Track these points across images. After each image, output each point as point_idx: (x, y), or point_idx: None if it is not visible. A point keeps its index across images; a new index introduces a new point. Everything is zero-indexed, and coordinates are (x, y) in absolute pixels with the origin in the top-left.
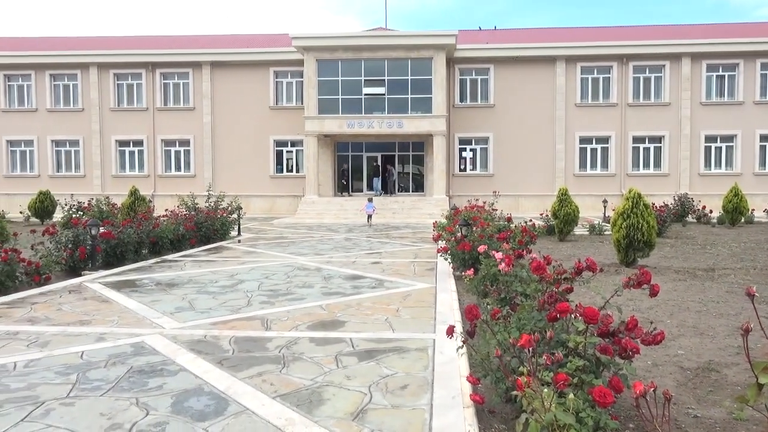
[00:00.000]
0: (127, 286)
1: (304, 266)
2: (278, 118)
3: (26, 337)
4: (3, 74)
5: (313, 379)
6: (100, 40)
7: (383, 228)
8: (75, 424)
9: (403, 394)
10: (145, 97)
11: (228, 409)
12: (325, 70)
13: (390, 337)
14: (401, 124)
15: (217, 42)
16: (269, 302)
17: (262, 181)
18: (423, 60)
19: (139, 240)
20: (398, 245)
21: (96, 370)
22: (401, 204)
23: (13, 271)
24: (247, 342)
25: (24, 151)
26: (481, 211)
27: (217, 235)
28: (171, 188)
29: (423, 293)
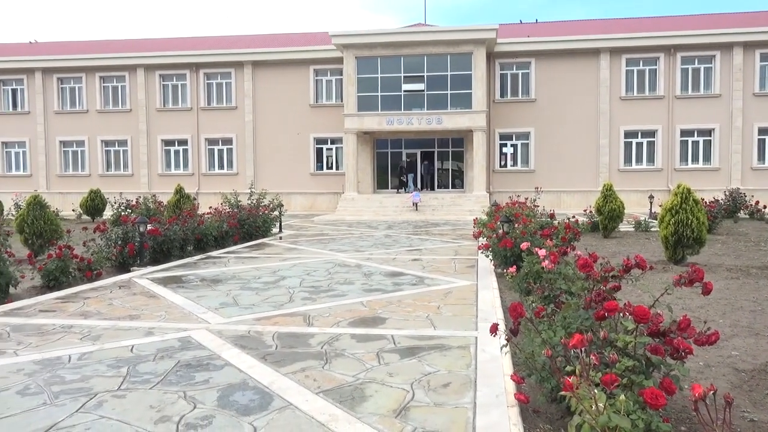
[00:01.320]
0: (173, 281)
1: (344, 263)
2: (318, 115)
3: (80, 331)
4: (56, 77)
5: (355, 375)
6: (146, 42)
7: (423, 225)
8: (126, 416)
9: (446, 392)
10: (189, 97)
11: (272, 403)
12: (365, 67)
13: (431, 335)
14: (440, 120)
15: (258, 42)
16: (311, 298)
17: (303, 179)
18: (463, 55)
19: (184, 237)
20: (438, 242)
21: (145, 364)
22: (441, 201)
23: (66, 267)
24: (289, 338)
25: (76, 151)
26: (523, 208)
27: (259, 232)
28: (214, 186)
29: (464, 290)
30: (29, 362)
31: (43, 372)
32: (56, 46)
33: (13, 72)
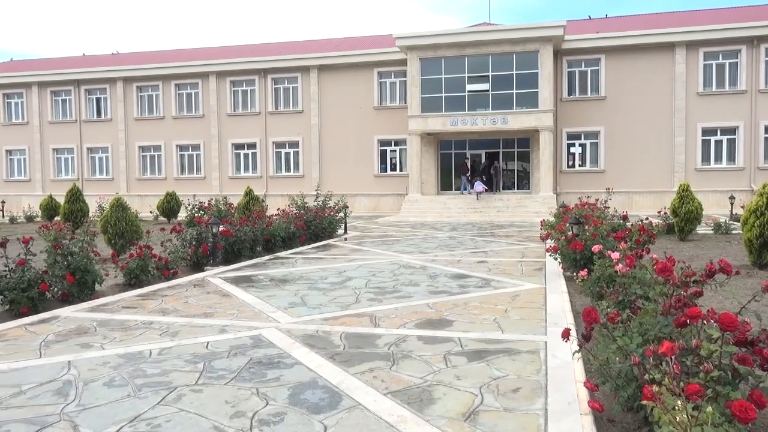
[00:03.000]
0: (244, 281)
1: (409, 264)
2: (382, 117)
3: (159, 327)
4: (135, 86)
5: (422, 377)
6: (217, 50)
7: (488, 226)
8: (203, 410)
9: (516, 397)
10: (258, 102)
11: (341, 403)
12: (428, 68)
13: (499, 338)
14: (506, 120)
15: (323, 46)
16: (377, 299)
17: (367, 180)
18: (529, 53)
19: (254, 238)
20: (504, 244)
21: (220, 360)
22: (506, 202)
23: (146, 265)
24: (357, 338)
25: (153, 155)
26: (593, 209)
27: (325, 233)
28: (281, 188)
29: (532, 294)
30: (114, 356)
31: (126, 365)
32: (136, 57)
33: (98, 82)
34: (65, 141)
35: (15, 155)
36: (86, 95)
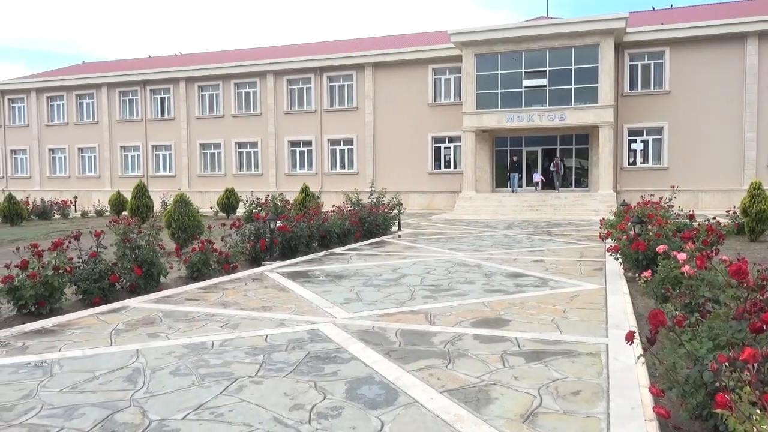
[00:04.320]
0: (301, 276)
1: (464, 262)
2: (436, 114)
3: (220, 319)
4: (197, 86)
5: (479, 377)
6: (274, 49)
7: (544, 225)
8: (264, 401)
9: (576, 400)
10: (313, 100)
11: (398, 399)
12: (484, 64)
13: (558, 339)
14: (563, 117)
15: (378, 44)
16: (432, 297)
17: (420, 178)
18: (588, 47)
19: (310, 234)
20: (561, 243)
21: (278, 353)
22: (563, 200)
23: (207, 259)
24: (412, 335)
25: (213, 153)
26: (656, 208)
27: (379, 230)
28: (336, 185)
29: (592, 294)
30: (179, 346)
31: (190, 355)
32: (197, 57)
33: (162, 82)
34: (132, 139)
35: (86, 153)
36: (151, 95)
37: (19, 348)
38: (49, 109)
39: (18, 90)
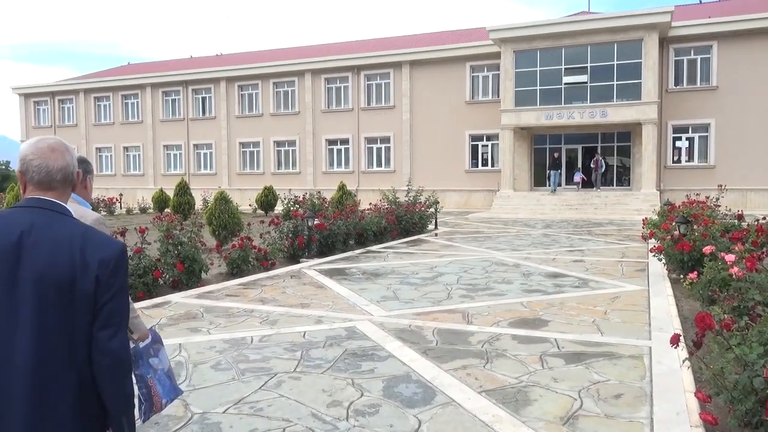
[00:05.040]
0: (338, 273)
1: (501, 261)
2: (474, 112)
3: (259, 315)
4: (237, 85)
5: (518, 377)
6: (312, 48)
7: (584, 224)
8: (301, 397)
9: (618, 404)
10: (351, 99)
11: (435, 398)
12: (523, 60)
13: (599, 341)
14: (605, 113)
15: (415, 41)
16: (469, 296)
17: (457, 176)
18: (631, 42)
19: (347, 231)
20: (602, 243)
21: (316, 350)
22: (603, 199)
23: (247, 256)
24: (449, 334)
25: (252, 151)
26: (702, 207)
27: (416, 228)
28: (372, 183)
29: (634, 296)
30: (220, 341)
31: (231, 350)
32: (237, 57)
33: (203, 82)
34: (174, 138)
35: (131, 152)
36: (193, 95)
37: None
38: (96, 109)
39: (67, 91)
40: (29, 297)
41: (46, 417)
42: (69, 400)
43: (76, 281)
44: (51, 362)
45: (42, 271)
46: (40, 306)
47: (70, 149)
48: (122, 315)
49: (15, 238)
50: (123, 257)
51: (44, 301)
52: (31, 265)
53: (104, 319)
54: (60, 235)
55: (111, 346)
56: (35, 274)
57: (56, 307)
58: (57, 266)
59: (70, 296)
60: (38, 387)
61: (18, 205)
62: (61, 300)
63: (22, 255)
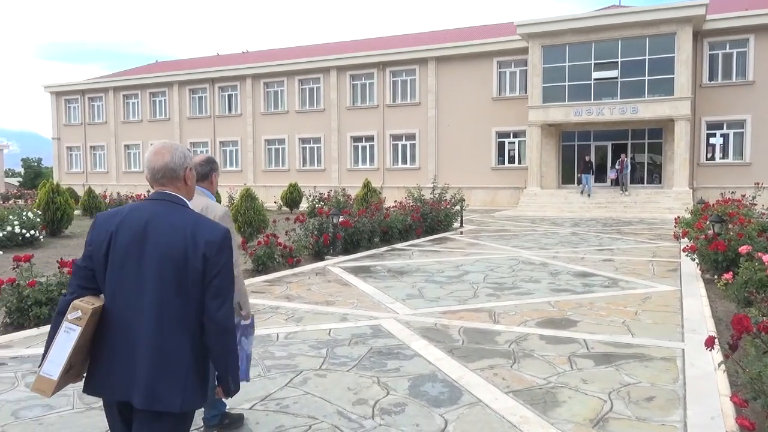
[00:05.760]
0: (362, 271)
1: (528, 260)
2: (500, 108)
3: (284, 312)
4: (263, 82)
5: (546, 378)
6: (337, 45)
7: (613, 223)
8: (327, 394)
9: (649, 407)
10: (376, 95)
11: (461, 398)
12: (551, 56)
13: (629, 342)
14: (636, 110)
15: (440, 37)
16: (495, 295)
17: (483, 173)
18: (663, 36)
19: (372, 229)
20: (632, 242)
21: (341, 347)
22: (634, 197)
23: (272, 253)
24: (475, 333)
25: (278, 148)
26: (738, 206)
27: (441, 226)
28: (397, 180)
29: (666, 296)
30: None
31: (257, 347)
32: (263, 55)
33: (229, 80)
34: (201, 135)
35: None
36: (219, 92)
37: None
38: (124, 106)
39: (97, 89)
40: (152, 271)
41: (167, 362)
42: (183, 358)
43: (189, 259)
44: (168, 326)
45: (162, 251)
46: (161, 279)
47: (176, 151)
48: (228, 288)
49: (143, 224)
50: (226, 240)
51: (164, 275)
52: (154, 246)
53: (213, 291)
54: (176, 221)
55: (219, 315)
56: (157, 252)
57: (173, 281)
58: (173, 247)
59: (184, 271)
60: (159, 345)
61: (147, 198)
62: (177, 274)
63: (147, 238)
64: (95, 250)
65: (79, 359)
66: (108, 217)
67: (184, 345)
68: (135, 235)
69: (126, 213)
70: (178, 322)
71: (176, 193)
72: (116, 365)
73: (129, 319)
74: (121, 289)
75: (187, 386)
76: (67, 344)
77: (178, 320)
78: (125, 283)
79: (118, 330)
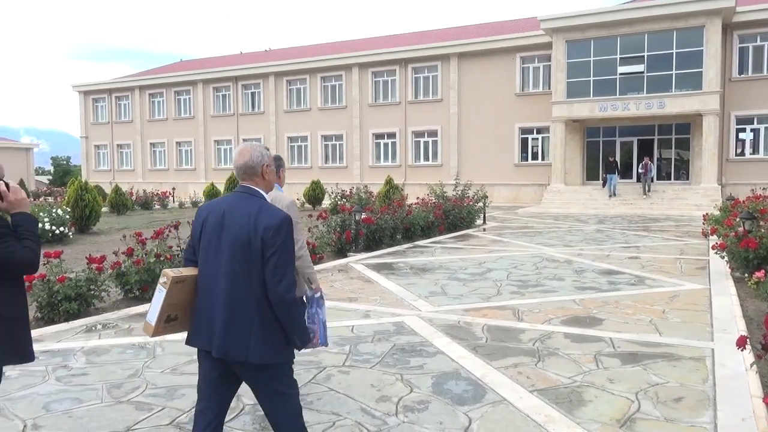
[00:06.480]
0: (385, 268)
1: (552, 257)
2: (523, 104)
3: None
4: (285, 80)
5: (571, 377)
6: (359, 42)
7: (639, 220)
8: (350, 391)
9: (678, 407)
10: (398, 92)
11: (485, 396)
12: (575, 51)
13: (657, 341)
14: (662, 104)
15: (463, 33)
16: (519, 293)
17: (506, 170)
18: (691, 30)
19: (394, 226)
20: (659, 239)
21: (364, 344)
22: (661, 194)
23: None
24: (499, 331)
25: (300, 146)
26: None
27: (464, 223)
28: (419, 177)
29: (694, 295)
30: None
31: None
32: (286, 52)
33: (252, 77)
34: (224, 133)
35: (183, 147)
36: (242, 90)
37: (125, 330)
38: (150, 105)
39: (123, 88)
40: (227, 249)
41: (235, 322)
42: (249, 318)
43: (251, 240)
44: (236, 294)
45: (233, 234)
46: (232, 257)
47: (255, 150)
48: (285, 267)
49: (222, 212)
50: (283, 225)
51: (234, 254)
52: (228, 230)
53: (271, 268)
54: (245, 209)
55: (277, 288)
56: (230, 236)
57: (241, 259)
58: (241, 230)
59: (248, 250)
60: (230, 308)
61: (233, 191)
62: (244, 254)
63: (224, 223)
64: (194, 232)
65: (179, 314)
66: (204, 206)
67: (250, 309)
68: (217, 220)
69: (215, 203)
70: (244, 291)
71: (254, 186)
72: (203, 322)
73: (211, 286)
74: (207, 262)
75: (251, 343)
76: (158, 300)
77: (245, 290)
78: (209, 258)
79: (204, 295)
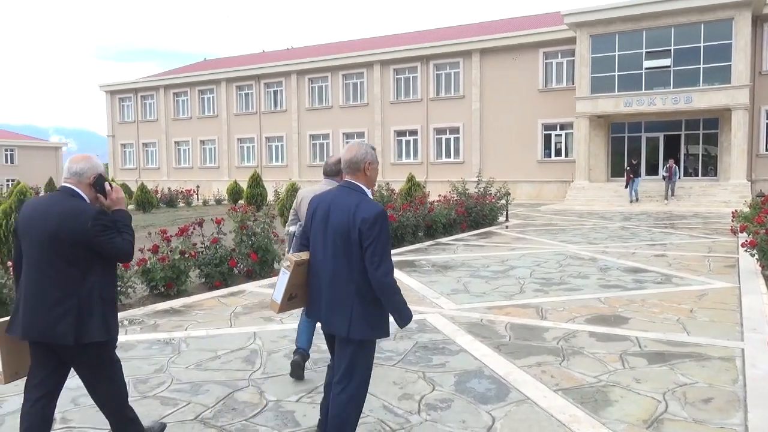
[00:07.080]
0: (407, 265)
1: (576, 255)
2: (547, 100)
3: None
4: (307, 78)
5: (596, 377)
6: (380, 39)
7: (665, 217)
8: (372, 389)
9: (707, 408)
10: (419, 89)
11: (509, 395)
12: (600, 45)
13: (684, 341)
14: (689, 99)
15: (485, 29)
16: (542, 290)
17: (529, 167)
18: (720, 22)
19: (416, 223)
20: (686, 237)
21: (386, 342)
22: (687, 190)
23: None
24: (522, 329)
25: (322, 143)
26: None
27: (486, 220)
28: (441, 174)
29: (723, 293)
30: (292, 330)
31: None
32: (307, 50)
33: (275, 76)
34: (247, 131)
35: (207, 145)
36: (265, 88)
37: (151, 326)
38: (174, 104)
39: (149, 87)
40: (330, 239)
41: (337, 302)
42: (348, 299)
43: (350, 231)
44: (338, 277)
45: (336, 225)
46: (334, 245)
47: (360, 148)
48: (381, 255)
49: (327, 204)
50: (378, 218)
51: (336, 242)
52: (332, 221)
53: (369, 257)
54: (346, 203)
55: (376, 273)
56: (333, 226)
57: (341, 247)
58: (342, 221)
59: (348, 240)
60: (333, 290)
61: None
62: (344, 243)
63: (330, 214)
64: (306, 221)
65: (299, 292)
66: (315, 198)
67: (350, 290)
68: (323, 212)
69: (322, 195)
70: (345, 275)
71: (356, 181)
72: (314, 300)
73: (319, 270)
74: (316, 248)
75: (352, 320)
76: (282, 282)
77: (346, 274)
78: (318, 245)
79: (314, 277)
